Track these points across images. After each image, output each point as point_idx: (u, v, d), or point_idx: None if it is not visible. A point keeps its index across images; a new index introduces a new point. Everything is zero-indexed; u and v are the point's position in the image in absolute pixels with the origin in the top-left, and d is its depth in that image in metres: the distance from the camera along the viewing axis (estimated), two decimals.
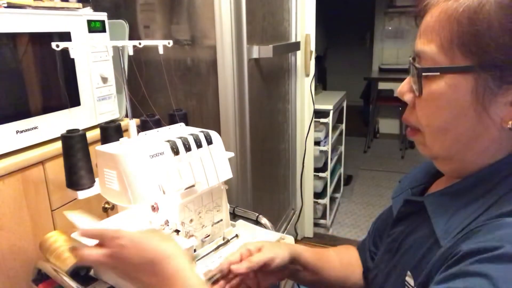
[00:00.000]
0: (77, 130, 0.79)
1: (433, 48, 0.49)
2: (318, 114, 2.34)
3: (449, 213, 0.52)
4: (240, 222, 0.96)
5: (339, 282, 0.78)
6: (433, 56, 0.49)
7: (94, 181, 0.82)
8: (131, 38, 1.31)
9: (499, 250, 0.41)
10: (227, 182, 0.87)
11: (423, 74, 0.50)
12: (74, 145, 0.77)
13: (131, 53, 0.79)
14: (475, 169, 0.52)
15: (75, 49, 0.70)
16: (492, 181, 0.50)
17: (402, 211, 0.64)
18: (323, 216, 2.65)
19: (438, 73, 0.49)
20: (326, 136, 2.53)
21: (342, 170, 3.03)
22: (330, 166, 2.59)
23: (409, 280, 0.55)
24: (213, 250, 0.85)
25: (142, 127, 0.89)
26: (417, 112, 0.53)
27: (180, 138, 0.76)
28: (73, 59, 1.02)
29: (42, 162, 0.95)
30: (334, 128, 2.71)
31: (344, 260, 0.80)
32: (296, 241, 2.36)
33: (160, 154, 0.73)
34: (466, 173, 0.53)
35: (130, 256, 0.51)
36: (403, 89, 0.55)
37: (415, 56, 0.52)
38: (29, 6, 0.94)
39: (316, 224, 2.59)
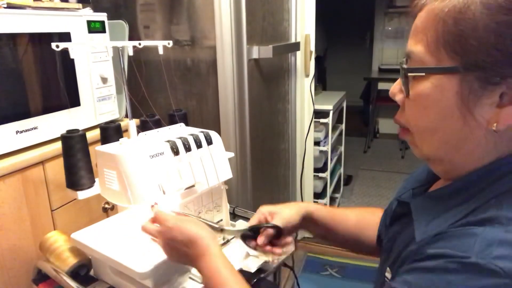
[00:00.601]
0: (77, 130, 0.79)
1: (421, 49, 0.49)
2: (318, 114, 2.34)
3: (431, 216, 0.52)
4: (240, 222, 0.96)
5: (350, 241, 0.82)
6: (421, 57, 0.49)
7: (94, 181, 0.82)
8: (131, 38, 1.31)
9: (467, 259, 0.42)
10: (227, 182, 0.87)
11: (409, 74, 0.51)
12: (74, 145, 0.77)
13: (131, 53, 0.79)
14: (463, 172, 0.52)
15: (75, 49, 0.70)
16: (476, 187, 0.50)
17: (396, 212, 0.65)
18: None
19: (423, 74, 0.49)
20: (326, 136, 2.53)
21: (342, 170, 3.03)
22: (330, 166, 2.59)
23: (388, 275, 0.58)
24: None
25: (142, 127, 0.89)
26: (406, 112, 0.54)
27: (180, 138, 0.77)
28: (73, 60, 1.02)
29: (42, 162, 0.95)
30: (334, 128, 2.71)
31: (361, 222, 0.82)
32: (296, 241, 2.36)
33: (160, 154, 0.73)
34: (456, 175, 0.53)
35: (175, 234, 0.67)
36: (395, 89, 0.55)
37: (406, 57, 0.53)
38: (29, 6, 0.95)
39: None
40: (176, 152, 0.75)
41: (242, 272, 0.81)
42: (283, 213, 0.77)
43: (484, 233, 0.44)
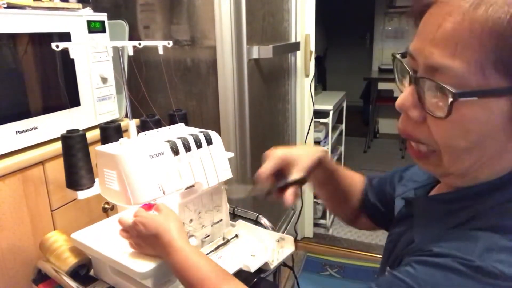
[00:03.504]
0: (77, 130, 0.79)
1: (462, 65, 0.41)
2: (318, 114, 2.34)
3: (432, 220, 0.51)
4: (240, 222, 0.96)
5: (340, 197, 0.81)
6: (461, 75, 0.41)
7: (94, 181, 0.82)
8: (131, 38, 1.31)
9: (474, 262, 0.41)
10: (227, 182, 0.87)
11: (460, 99, 0.42)
12: (74, 145, 0.77)
13: (131, 53, 0.79)
14: (473, 183, 0.49)
15: (75, 49, 0.70)
16: (482, 196, 0.48)
17: (402, 212, 0.64)
18: (323, 216, 2.65)
19: (476, 98, 0.42)
20: (326, 136, 2.53)
21: None
22: None
23: None
24: (213, 250, 0.85)
25: (142, 127, 0.89)
26: (433, 131, 0.46)
27: (180, 138, 0.76)
28: (73, 60, 1.02)
29: (42, 162, 0.95)
30: (334, 128, 2.71)
31: (353, 182, 0.81)
32: (296, 241, 2.36)
33: (160, 154, 0.73)
34: (463, 183, 0.50)
35: (141, 230, 0.71)
36: (407, 102, 0.47)
37: (426, 67, 0.44)
38: (29, 6, 0.95)
39: (316, 224, 2.59)
40: (176, 152, 0.75)
41: (242, 272, 0.81)
42: (303, 162, 0.70)
43: (485, 238, 0.43)
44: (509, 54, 0.39)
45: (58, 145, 0.91)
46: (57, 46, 0.68)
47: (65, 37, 1.01)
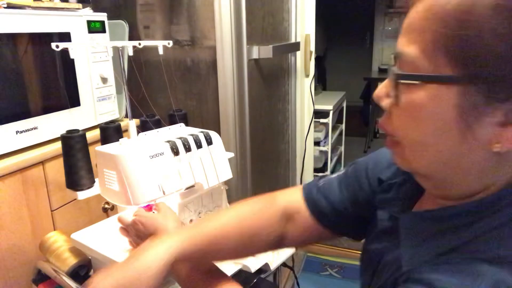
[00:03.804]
0: (77, 130, 0.79)
1: (415, 51, 0.42)
2: (318, 114, 2.35)
3: (419, 239, 0.47)
4: None
5: (243, 251, 0.67)
6: (414, 61, 0.42)
7: (94, 182, 0.82)
8: (131, 38, 1.31)
9: None
10: (227, 183, 0.87)
11: (400, 81, 0.43)
12: (74, 146, 0.77)
13: (131, 53, 0.79)
14: (457, 192, 0.46)
15: (75, 49, 0.70)
16: (474, 216, 0.44)
17: (385, 225, 0.58)
18: None
19: (418, 82, 0.42)
20: (326, 136, 2.53)
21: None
22: (330, 166, 2.59)
23: None
24: None
25: (142, 128, 0.89)
26: (394, 121, 0.46)
27: (180, 138, 0.76)
28: (73, 60, 1.02)
29: (42, 162, 0.95)
30: (334, 128, 2.71)
31: (251, 225, 0.64)
32: None
33: (160, 154, 0.73)
34: (448, 194, 0.48)
35: (140, 229, 0.71)
36: (380, 93, 0.47)
37: (395, 57, 0.45)
38: (29, 6, 0.94)
39: None
40: (176, 152, 0.75)
41: (242, 272, 0.81)
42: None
43: (490, 273, 0.39)
44: (455, 42, 0.38)
45: (58, 145, 0.91)
46: (57, 46, 0.68)
47: (65, 37, 1.01)
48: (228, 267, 0.82)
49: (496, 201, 0.44)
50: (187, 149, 0.76)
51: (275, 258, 0.86)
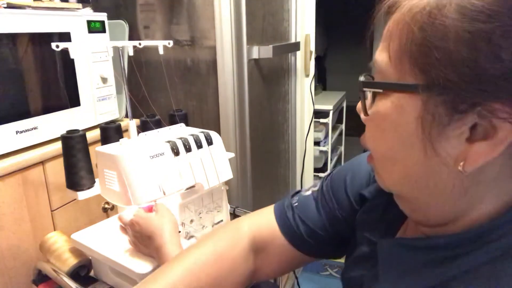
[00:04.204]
0: (77, 130, 0.79)
1: (384, 58, 0.40)
2: (318, 114, 2.35)
3: (400, 270, 0.43)
4: None
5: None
6: (383, 68, 0.40)
7: (94, 182, 0.82)
8: (131, 38, 1.31)
9: None
10: (227, 183, 0.87)
11: (363, 89, 0.42)
12: (74, 146, 0.77)
13: (131, 53, 0.79)
14: (437, 218, 0.43)
15: (75, 49, 0.70)
16: (456, 250, 0.40)
17: (363, 251, 0.54)
18: None
19: (381, 90, 0.40)
20: (326, 136, 2.53)
21: None
22: (330, 166, 2.59)
23: None
24: None
25: (142, 128, 0.89)
26: (366, 133, 0.45)
27: (180, 138, 0.76)
28: (73, 60, 1.02)
29: (42, 163, 0.95)
30: (334, 128, 2.71)
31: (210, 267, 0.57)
32: None
33: (160, 154, 0.73)
34: (428, 220, 0.44)
35: (137, 230, 0.72)
36: (359, 105, 0.45)
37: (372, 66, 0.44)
38: (29, 6, 0.94)
39: None
40: (176, 152, 0.75)
41: None
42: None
43: None
44: (417, 48, 0.36)
45: (58, 145, 0.90)
46: (57, 46, 0.68)
47: (65, 37, 1.01)
48: None
49: (479, 235, 0.39)
50: (188, 149, 0.76)
51: None
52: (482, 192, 0.39)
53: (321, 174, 2.52)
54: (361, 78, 0.42)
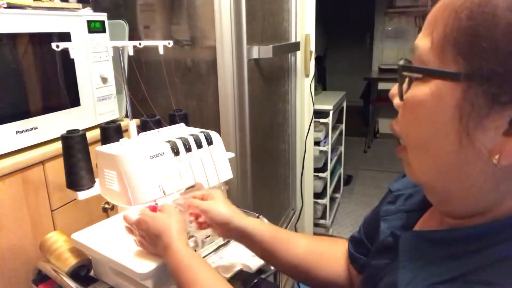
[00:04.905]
0: (77, 130, 0.79)
1: (426, 44, 0.39)
2: (318, 114, 2.34)
3: (420, 262, 0.43)
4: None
5: (297, 270, 0.71)
6: (424, 54, 0.40)
7: (94, 182, 0.82)
8: (131, 38, 1.31)
9: None
10: (227, 183, 0.87)
11: (403, 73, 0.41)
12: (74, 146, 0.77)
13: (131, 53, 0.79)
14: (465, 210, 0.43)
15: (75, 49, 0.70)
16: (480, 242, 0.40)
17: (386, 241, 0.55)
18: (323, 216, 2.65)
19: (421, 76, 0.40)
20: (326, 136, 2.53)
21: (342, 170, 3.03)
22: (330, 166, 2.59)
23: None
24: (213, 251, 0.85)
25: (142, 128, 0.89)
26: (399, 119, 0.44)
27: (180, 138, 0.76)
28: (73, 60, 1.02)
29: (42, 163, 0.95)
30: (334, 128, 2.71)
31: (315, 252, 0.72)
32: None
33: (161, 154, 0.73)
34: (455, 211, 0.44)
35: (144, 228, 0.71)
36: (394, 90, 0.45)
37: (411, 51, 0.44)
38: (29, 6, 0.94)
39: (316, 224, 2.59)
40: (176, 152, 0.75)
41: (242, 272, 0.81)
42: (214, 201, 0.74)
43: None
44: (463, 36, 0.36)
45: (58, 145, 0.90)
46: (57, 46, 0.68)
47: (65, 37, 1.01)
48: (229, 267, 0.82)
49: (506, 227, 0.39)
50: (188, 149, 0.76)
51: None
52: (511, 186, 0.38)
53: (321, 174, 2.52)
54: (401, 62, 0.42)
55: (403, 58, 0.43)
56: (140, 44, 0.81)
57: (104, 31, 1.13)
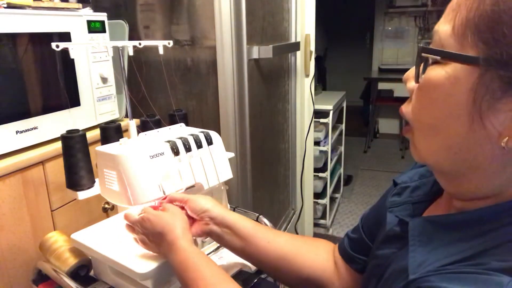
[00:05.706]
0: (77, 130, 0.79)
1: (447, 29, 0.40)
2: (318, 114, 2.34)
3: (430, 246, 0.44)
4: None
5: (276, 262, 0.71)
6: (444, 38, 0.41)
7: (94, 182, 0.82)
8: (131, 38, 1.31)
9: None
10: (227, 183, 0.87)
11: (422, 55, 0.42)
12: (74, 146, 0.77)
13: (131, 53, 0.79)
14: (474, 191, 0.44)
15: (75, 49, 0.70)
16: (491, 223, 0.41)
17: (394, 230, 0.56)
18: (323, 216, 2.65)
19: (439, 58, 0.41)
20: (326, 136, 2.53)
21: (342, 170, 3.03)
22: (330, 166, 2.59)
23: None
24: (213, 251, 0.85)
25: (142, 128, 0.89)
26: (412, 102, 0.46)
27: (180, 138, 0.76)
28: (73, 59, 1.02)
29: (42, 163, 0.95)
30: (334, 128, 2.71)
31: (297, 242, 0.73)
32: None
33: (160, 154, 0.73)
34: (464, 193, 0.45)
35: (147, 226, 0.70)
36: (410, 73, 0.46)
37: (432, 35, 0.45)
38: (29, 6, 0.94)
39: (316, 224, 2.59)
40: (176, 152, 0.75)
41: (242, 272, 0.81)
42: (196, 196, 0.73)
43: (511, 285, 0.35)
44: (486, 21, 0.37)
45: (58, 145, 0.90)
46: (57, 46, 0.68)
47: (65, 37, 1.01)
48: (229, 267, 0.82)
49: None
50: (187, 149, 0.76)
51: None
52: None
53: (321, 174, 2.52)
54: (421, 44, 0.43)
55: (424, 41, 0.44)
56: (140, 44, 0.81)
57: (104, 31, 1.13)
